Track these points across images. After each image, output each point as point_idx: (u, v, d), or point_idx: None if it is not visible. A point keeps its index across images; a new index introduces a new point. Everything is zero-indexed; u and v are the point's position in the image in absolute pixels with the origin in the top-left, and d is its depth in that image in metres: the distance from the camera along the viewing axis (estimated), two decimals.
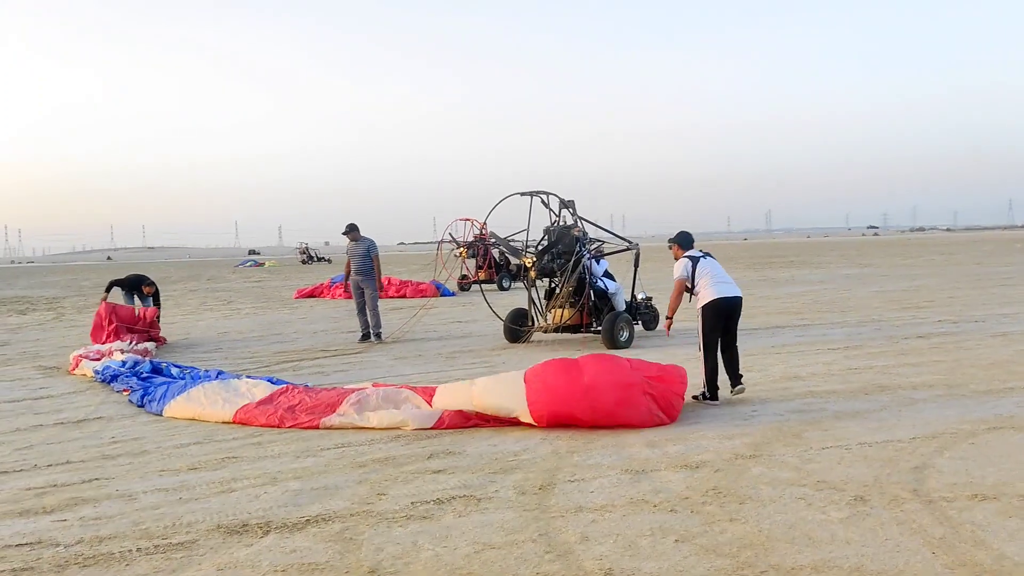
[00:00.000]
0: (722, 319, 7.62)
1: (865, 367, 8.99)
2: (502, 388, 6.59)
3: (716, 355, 7.58)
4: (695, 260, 7.83)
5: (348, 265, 13.17)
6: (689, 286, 7.76)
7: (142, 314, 13.21)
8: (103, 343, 11.85)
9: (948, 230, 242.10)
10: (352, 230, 13.07)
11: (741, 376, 7.65)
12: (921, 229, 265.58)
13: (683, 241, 8.11)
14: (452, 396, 6.80)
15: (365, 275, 13.00)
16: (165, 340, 13.60)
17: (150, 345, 11.90)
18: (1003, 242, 71.34)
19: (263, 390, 7.65)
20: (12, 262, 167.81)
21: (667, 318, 8.02)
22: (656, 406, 6.50)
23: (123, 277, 14.65)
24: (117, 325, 12.51)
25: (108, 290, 14.07)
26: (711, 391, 7.49)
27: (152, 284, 14.35)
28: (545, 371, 6.53)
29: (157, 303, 14.22)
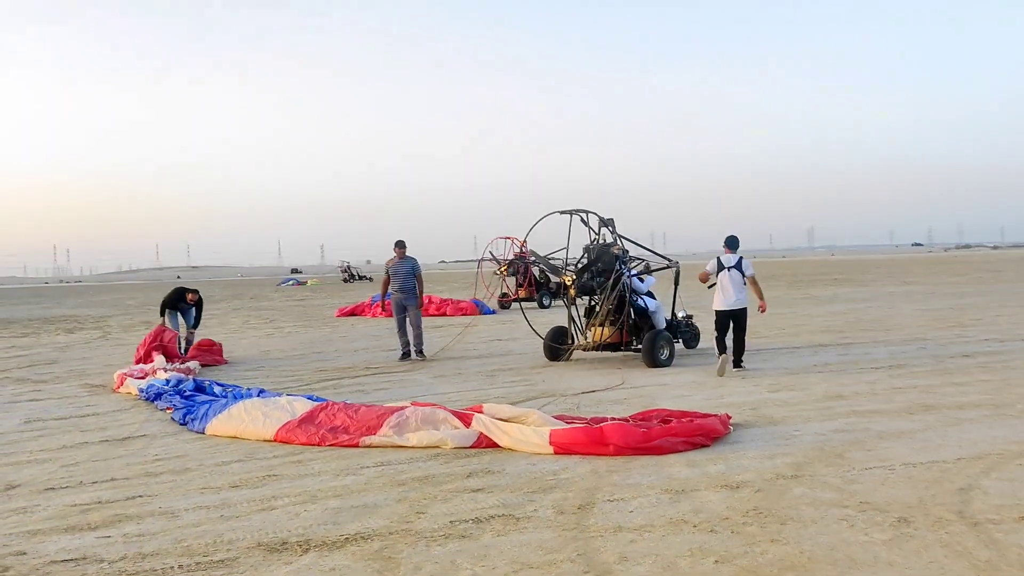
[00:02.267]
0: (722, 319, 10.69)
1: (909, 386, 8.83)
2: (526, 444, 6.56)
3: (724, 336, 10.62)
4: (722, 267, 10.71)
5: (386, 282, 13.27)
6: (714, 280, 10.77)
7: (171, 341, 13.23)
8: (136, 364, 12.04)
9: (995, 247, 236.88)
10: (402, 246, 13.24)
11: (742, 364, 10.55)
12: (967, 246, 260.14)
13: (728, 243, 10.91)
14: (484, 426, 6.81)
15: (409, 293, 13.13)
16: (225, 360, 13.74)
17: (193, 364, 12.09)
18: None
19: (303, 404, 7.75)
20: (61, 281, 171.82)
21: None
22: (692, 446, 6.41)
23: (167, 294, 14.67)
24: (150, 347, 12.61)
25: (163, 313, 14.20)
26: (720, 347, 10.49)
27: (195, 291, 14.33)
28: (571, 437, 6.46)
29: (199, 314, 14.31)
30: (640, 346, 11.51)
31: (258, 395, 8.57)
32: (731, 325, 10.62)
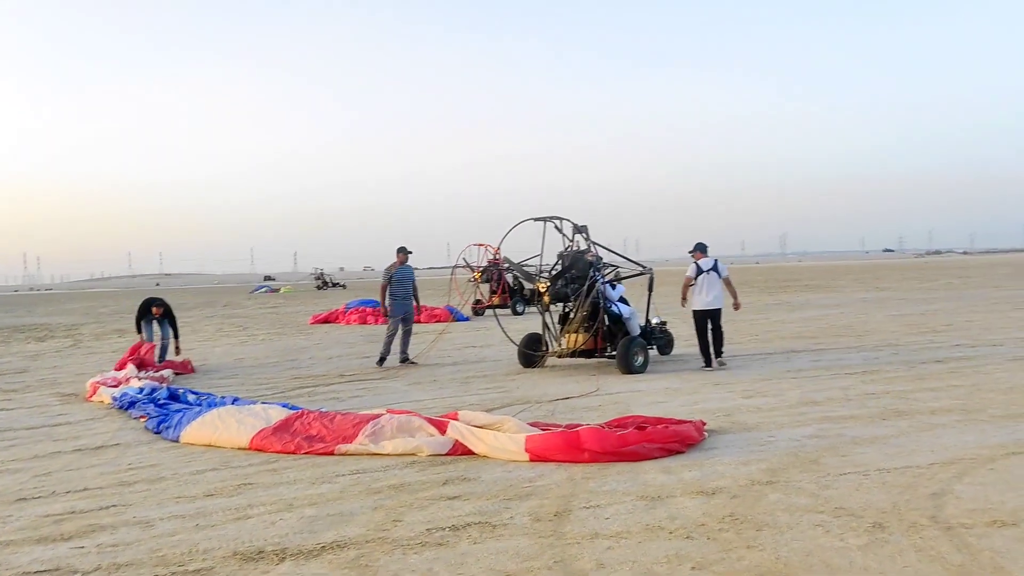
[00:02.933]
0: (702, 319, 11.53)
1: (882, 392, 8.93)
2: (501, 451, 6.55)
3: (705, 337, 11.47)
4: (700, 270, 11.59)
5: (385, 288, 13.24)
6: (692, 284, 11.59)
7: (148, 352, 13.10)
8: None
9: (965, 253, 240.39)
10: (405, 252, 13.53)
11: (722, 354, 11.60)
12: (938, 252, 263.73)
13: (701, 248, 11.78)
14: (460, 433, 6.80)
15: (410, 300, 13.50)
16: (193, 369, 13.61)
17: (167, 372, 11.97)
18: (1021, 265, 70.80)
19: (278, 412, 7.70)
20: (31, 289, 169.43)
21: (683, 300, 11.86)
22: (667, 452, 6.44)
23: (138, 308, 14.38)
24: (127, 359, 12.50)
25: (139, 328, 14.00)
26: (705, 359, 11.42)
27: (161, 304, 14.13)
28: (546, 443, 6.47)
29: (174, 327, 14.16)
30: (614, 352, 11.55)
31: (232, 403, 8.50)
32: (708, 324, 11.54)
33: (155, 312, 14.04)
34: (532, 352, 12.28)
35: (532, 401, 9.21)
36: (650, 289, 12.89)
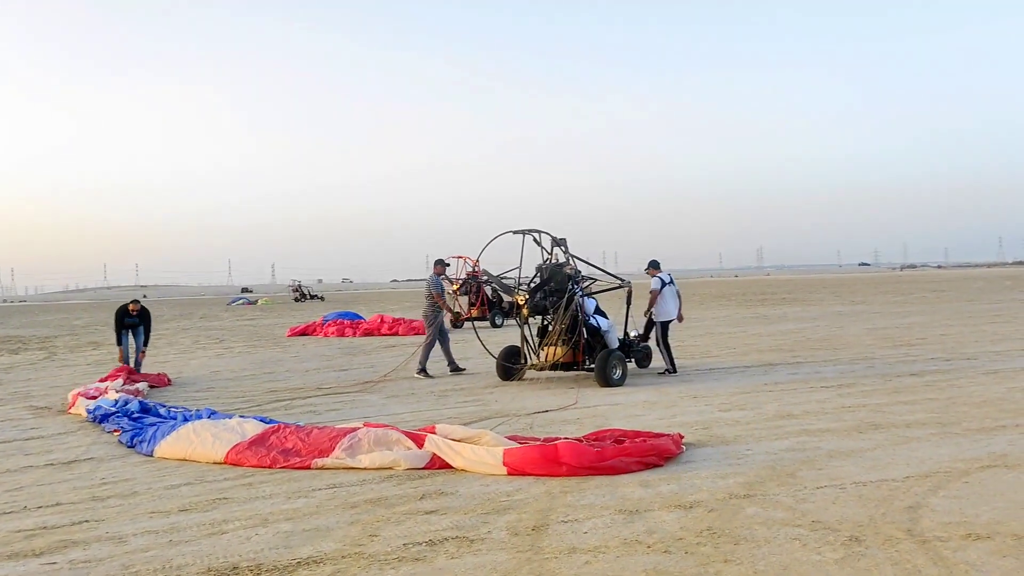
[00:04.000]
0: (665, 328, 12.60)
1: (858, 405, 8.99)
2: (479, 464, 6.53)
3: (669, 344, 12.49)
4: (664, 283, 12.69)
5: (441, 296, 13.69)
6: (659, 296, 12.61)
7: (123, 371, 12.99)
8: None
9: (939, 267, 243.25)
10: (443, 264, 14.05)
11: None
12: (912, 266, 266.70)
13: (657, 264, 13.04)
14: (437, 447, 6.77)
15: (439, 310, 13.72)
16: (169, 382, 13.47)
17: (142, 385, 11.85)
18: (994, 279, 71.77)
19: (254, 427, 7.63)
20: (4, 301, 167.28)
21: (648, 311, 12.83)
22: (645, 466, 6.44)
23: (115, 314, 14.23)
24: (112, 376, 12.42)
25: (119, 339, 13.92)
26: (672, 366, 12.29)
27: (136, 301, 14.20)
28: (525, 456, 6.45)
29: (147, 332, 14.06)
30: (593, 365, 11.55)
31: (208, 416, 8.42)
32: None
33: (132, 309, 13.96)
34: (511, 365, 12.26)
35: (511, 414, 9.19)
36: (628, 302, 12.93)
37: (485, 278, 17.26)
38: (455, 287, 25.16)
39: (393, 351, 18.09)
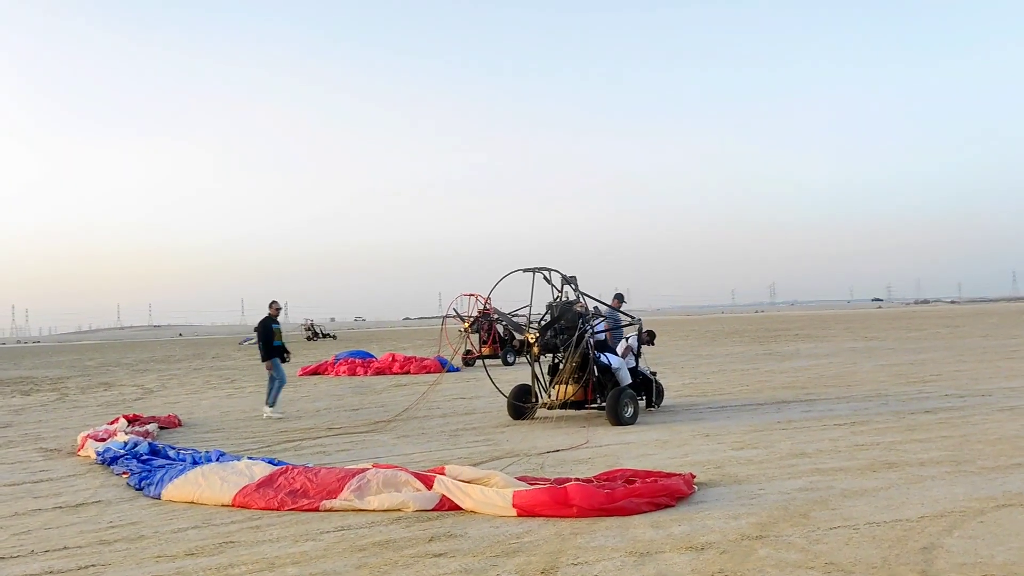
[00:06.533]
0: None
1: (872, 443, 8.90)
2: (489, 506, 6.48)
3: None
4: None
5: None
6: None
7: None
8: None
9: (953, 302, 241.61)
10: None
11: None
12: (926, 301, 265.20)
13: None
14: (446, 488, 6.72)
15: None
16: (180, 423, 13.47)
17: (152, 427, 11.87)
18: (1009, 314, 71.25)
19: (262, 469, 7.61)
20: (18, 342, 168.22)
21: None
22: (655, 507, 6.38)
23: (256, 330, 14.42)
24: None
25: (267, 357, 14.10)
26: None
27: (273, 302, 14.36)
28: (534, 498, 6.41)
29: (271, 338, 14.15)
30: (604, 404, 11.49)
31: (217, 458, 8.40)
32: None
33: (272, 311, 14.23)
34: (521, 404, 12.21)
35: (521, 454, 9.13)
36: (639, 340, 12.88)
37: (496, 316, 17.27)
38: (466, 325, 25.13)
39: (404, 390, 18.05)
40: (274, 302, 14.35)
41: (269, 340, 14.07)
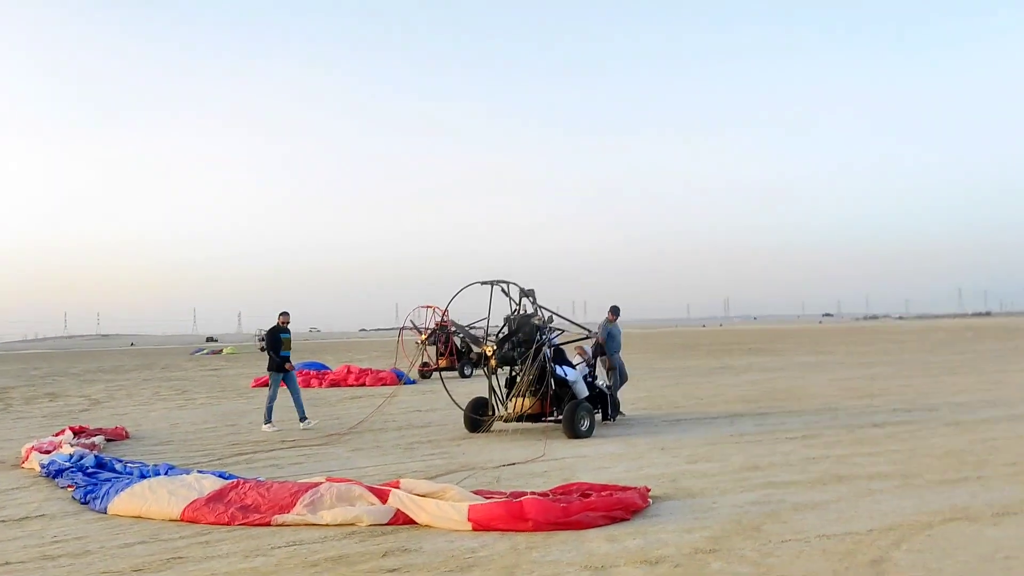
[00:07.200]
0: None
1: (822, 456, 9.03)
2: (444, 520, 6.43)
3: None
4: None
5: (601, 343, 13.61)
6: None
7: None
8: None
9: (900, 318, 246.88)
10: (616, 312, 13.86)
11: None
12: (874, 317, 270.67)
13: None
14: (401, 502, 6.66)
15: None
16: (127, 435, 13.15)
17: (98, 439, 11.60)
18: (954, 330, 72.99)
19: (212, 482, 7.46)
20: None
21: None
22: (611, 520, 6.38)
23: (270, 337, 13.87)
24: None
25: (278, 366, 13.73)
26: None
27: (284, 313, 13.92)
28: (490, 512, 6.37)
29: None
30: (561, 417, 11.50)
31: (165, 472, 8.23)
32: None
33: (281, 322, 13.80)
34: (478, 417, 12.17)
35: (477, 467, 9.09)
36: (596, 354, 12.94)
37: (453, 328, 17.21)
38: (423, 337, 25.00)
39: (360, 402, 17.89)
40: (284, 312, 13.99)
41: (277, 350, 13.73)
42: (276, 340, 13.75)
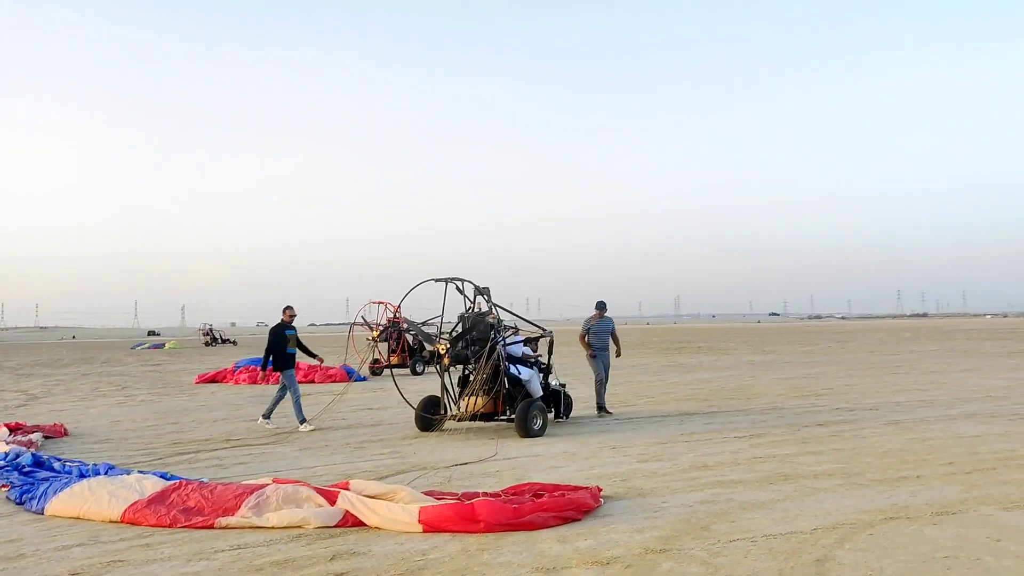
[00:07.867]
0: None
1: (769, 455, 9.16)
2: (394, 522, 6.36)
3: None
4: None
5: (583, 338, 13.93)
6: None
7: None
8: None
9: (843, 318, 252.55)
10: (603, 308, 14.03)
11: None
12: (819, 317, 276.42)
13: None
14: (350, 503, 6.57)
15: (606, 350, 13.96)
16: (66, 432, 12.80)
17: (36, 436, 11.27)
18: (894, 331, 74.89)
19: (154, 483, 7.27)
20: None
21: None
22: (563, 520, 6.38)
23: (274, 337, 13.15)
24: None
25: (279, 367, 13.11)
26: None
27: (288, 307, 13.36)
28: (440, 514, 6.32)
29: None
30: (513, 416, 11.48)
31: (105, 472, 8.01)
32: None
33: (286, 317, 13.27)
34: (430, 416, 12.09)
35: (429, 467, 9.03)
36: (550, 352, 12.96)
37: (406, 325, 17.07)
38: (375, 334, 24.81)
39: (308, 400, 17.66)
40: (289, 307, 13.41)
41: (281, 348, 13.09)
42: (281, 338, 13.13)
